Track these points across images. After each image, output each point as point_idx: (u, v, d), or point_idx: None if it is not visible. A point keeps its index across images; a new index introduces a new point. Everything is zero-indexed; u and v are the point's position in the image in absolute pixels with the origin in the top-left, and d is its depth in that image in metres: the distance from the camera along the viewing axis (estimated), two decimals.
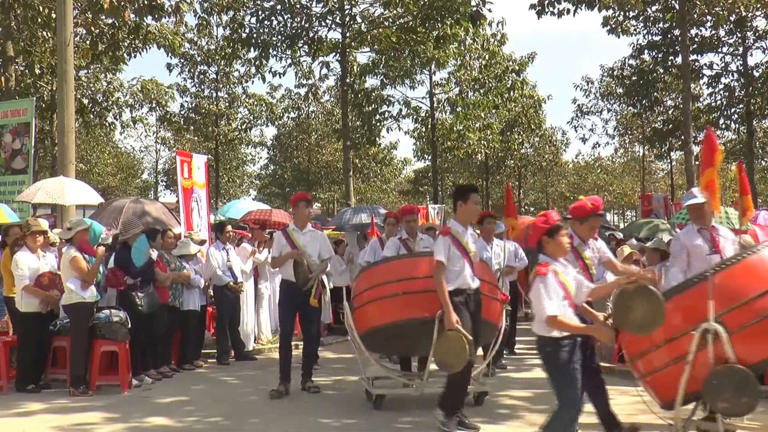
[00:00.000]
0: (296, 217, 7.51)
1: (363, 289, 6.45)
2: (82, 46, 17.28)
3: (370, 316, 6.30)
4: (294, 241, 7.32)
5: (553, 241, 4.67)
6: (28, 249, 7.60)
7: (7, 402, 6.99)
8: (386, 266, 6.54)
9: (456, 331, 5.42)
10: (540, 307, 4.46)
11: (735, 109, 24.91)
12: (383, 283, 6.21)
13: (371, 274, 6.57)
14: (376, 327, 6.25)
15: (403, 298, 6.03)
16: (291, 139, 37.48)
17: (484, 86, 23.44)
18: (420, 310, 5.87)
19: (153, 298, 8.02)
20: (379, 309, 6.19)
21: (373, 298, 6.26)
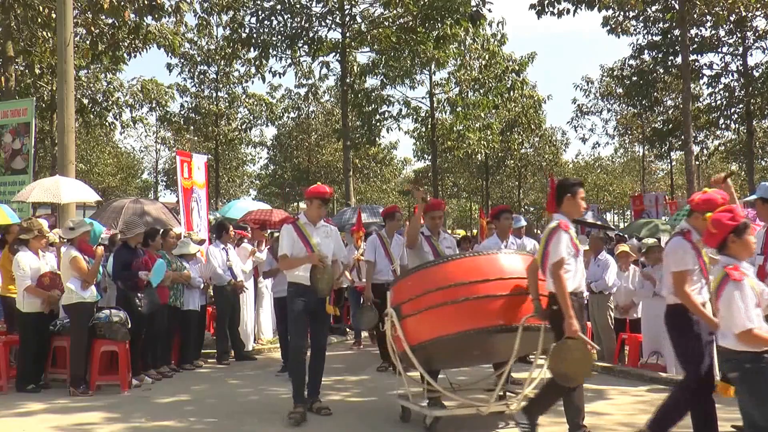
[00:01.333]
0: (309, 211, 6.43)
1: (413, 296, 5.56)
2: (82, 46, 17.27)
3: (426, 326, 5.45)
4: (307, 237, 6.31)
5: (740, 241, 4.13)
6: (30, 249, 7.60)
7: (7, 402, 6.99)
8: (441, 269, 5.63)
9: (578, 340, 4.87)
10: (735, 317, 3.92)
11: (735, 109, 24.90)
12: (440, 288, 5.41)
13: (422, 278, 5.65)
14: (434, 339, 5.41)
15: (470, 305, 5.29)
16: (291, 139, 37.48)
17: (484, 86, 23.44)
18: (492, 317, 5.26)
19: (153, 298, 8.02)
20: (439, 318, 5.38)
21: (428, 305, 5.42)
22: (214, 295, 9.51)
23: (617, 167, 47.80)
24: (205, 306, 9.52)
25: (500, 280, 5.34)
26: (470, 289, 5.32)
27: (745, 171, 29.34)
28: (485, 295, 5.28)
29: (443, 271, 5.57)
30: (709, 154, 29.83)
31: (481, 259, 5.66)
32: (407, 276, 5.89)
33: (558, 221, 5.06)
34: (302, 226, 6.36)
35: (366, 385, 7.90)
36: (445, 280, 5.43)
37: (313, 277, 6.17)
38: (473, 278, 5.35)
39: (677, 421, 4.83)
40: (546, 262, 4.98)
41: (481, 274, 5.38)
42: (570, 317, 4.82)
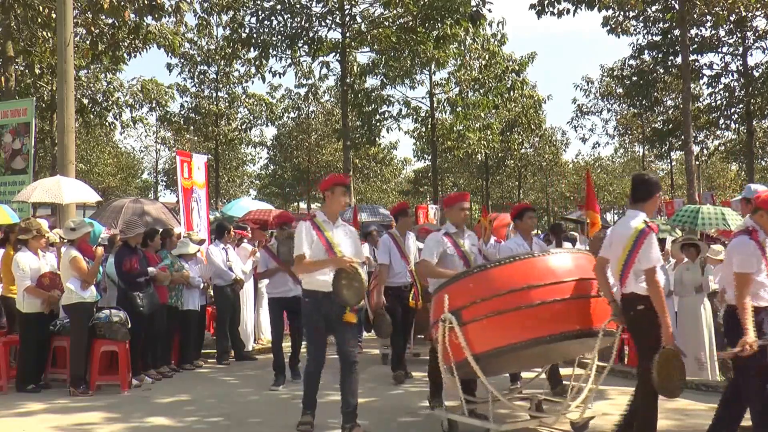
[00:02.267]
0: (330, 205, 5.71)
1: (476, 299, 5.08)
2: (82, 46, 17.28)
3: (495, 332, 5.01)
4: (327, 236, 5.60)
5: None
6: (30, 249, 7.60)
7: (7, 402, 6.99)
8: (506, 270, 5.14)
9: (673, 349, 4.58)
10: None
11: (735, 109, 24.91)
12: (512, 290, 4.98)
13: (485, 280, 5.15)
14: (506, 346, 4.98)
15: (546, 309, 4.92)
16: (291, 139, 37.49)
17: (484, 86, 23.44)
18: (568, 322, 4.94)
19: (153, 298, 8.02)
20: (510, 324, 4.95)
21: (496, 310, 4.97)
22: (214, 295, 9.51)
23: (617, 167, 47.81)
24: (205, 306, 9.52)
25: (572, 281, 5.03)
26: (543, 292, 4.96)
27: (745, 171, 29.37)
28: (560, 299, 4.95)
29: (509, 273, 5.10)
30: (709, 154, 29.84)
31: (548, 260, 5.21)
32: (466, 277, 5.29)
33: (647, 222, 4.76)
34: (321, 224, 5.57)
35: (366, 385, 7.90)
36: (512, 283, 5.01)
37: (337, 283, 5.37)
38: (544, 281, 5.00)
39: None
40: (630, 266, 4.70)
41: (551, 276, 5.04)
42: (667, 325, 4.57)
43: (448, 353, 5.20)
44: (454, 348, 5.15)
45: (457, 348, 5.11)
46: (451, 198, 6.52)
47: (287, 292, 7.76)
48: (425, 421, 6.12)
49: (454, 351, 5.16)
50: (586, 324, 4.97)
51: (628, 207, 5.11)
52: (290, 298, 7.69)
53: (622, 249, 4.76)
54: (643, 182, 4.95)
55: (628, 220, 4.85)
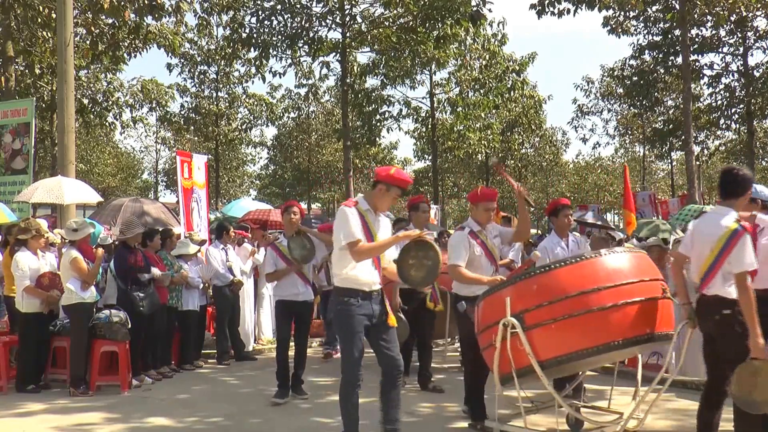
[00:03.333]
0: (379, 198, 5.00)
1: (541, 303, 4.75)
2: (82, 46, 17.28)
3: (563, 337, 4.68)
4: (369, 225, 4.96)
5: None
6: (29, 249, 7.60)
7: (7, 402, 6.98)
8: (573, 271, 4.81)
9: (765, 360, 4.26)
10: None
11: (735, 109, 24.90)
12: (578, 293, 4.66)
13: (550, 281, 4.79)
14: (575, 352, 4.67)
15: (615, 312, 4.63)
16: (291, 139, 37.48)
17: (484, 86, 23.42)
18: (641, 325, 4.67)
19: (153, 299, 8.01)
20: (580, 328, 4.64)
21: (564, 314, 4.65)
22: (214, 295, 9.51)
23: (618, 167, 47.79)
24: (205, 306, 9.52)
25: (640, 282, 4.78)
26: (612, 294, 4.67)
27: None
28: (631, 301, 4.67)
29: (577, 273, 4.79)
30: (709, 154, 29.82)
31: (615, 260, 4.88)
32: (528, 278, 4.94)
33: (740, 222, 4.47)
34: (364, 213, 4.95)
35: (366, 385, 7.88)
36: (581, 285, 4.70)
37: (403, 263, 4.77)
38: (613, 281, 4.72)
39: None
40: (718, 267, 4.45)
41: (620, 277, 4.75)
42: (757, 335, 4.27)
43: (509, 360, 4.83)
44: (516, 354, 4.78)
45: (520, 354, 4.76)
46: (476, 195, 5.99)
47: (296, 295, 7.04)
48: (425, 422, 6.11)
49: (516, 358, 4.80)
50: (655, 327, 4.73)
51: (717, 203, 4.85)
52: (299, 303, 7.07)
53: (710, 249, 4.48)
54: (735, 177, 4.65)
55: (718, 217, 4.54)
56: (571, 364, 4.90)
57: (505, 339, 4.81)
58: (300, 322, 7.20)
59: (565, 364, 4.81)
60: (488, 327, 5.07)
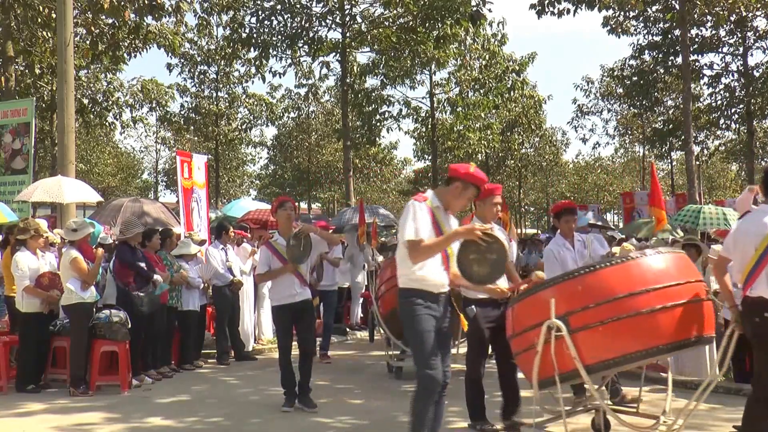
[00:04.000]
0: (453, 197, 4.61)
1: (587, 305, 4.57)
2: (82, 46, 17.29)
3: (610, 341, 4.52)
4: (440, 224, 4.53)
5: None
6: (28, 249, 7.60)
7: (7, 402, 6.98)
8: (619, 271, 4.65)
9: None
10: None
11: (735, 109, 24.90)
12: (626, 295, 4.49)
13: (597, 282, 4.60)
14: (622, 357, 4.54)
15: (663, 315, 4.48)
16: (291, 139, 37.48)
17: (484, 86, 23.43)
18: (688, 328, 4.53)
19: (153, 298, 8.02)
20: (627, 331, 4.46)
21: (611, 316, 4.49)
22: (214, 295, 9.51)
23: (617, 167, 47.80)
24: (205, 306, 9.52)
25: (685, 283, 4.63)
26: (660, 296, 4.50)
27: (745, 171, 29.36)
28: (678, 303, 4.52)
29: (623, 274, 4.61)
30: (709, 154, 29.84)
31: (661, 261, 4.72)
32: (571, 279, 4.73)
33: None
34: (435, 210, 4.52)
35: (366, 385, 7.90)
36: (628, 286, 4.53)
37: (464, 258, 4.41)
38: (660, 283, 4.55)
39: None
40: (761, 268, 4.31)
41: (666, 278, 4.59)
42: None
43: (552, 364, 4.62)
44: (561, 358, 4.59)
45: (564, 358, 4.57)
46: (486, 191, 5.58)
47: (293, 296, 6.56)
48: None
49: (560, 361, 4.60)
50: (701, 330, 4.59)
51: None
52: (297, 303, 6.59)
53: (754, 248, 4.37)
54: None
55: (762, 216, 4.43)
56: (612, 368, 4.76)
57: (548, 342, 4.59)
58: (302, 324, 6.62)
59: (611, 369, 4.68)
60: (527, 330, 4.84)
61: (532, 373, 4.72)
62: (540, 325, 4.63)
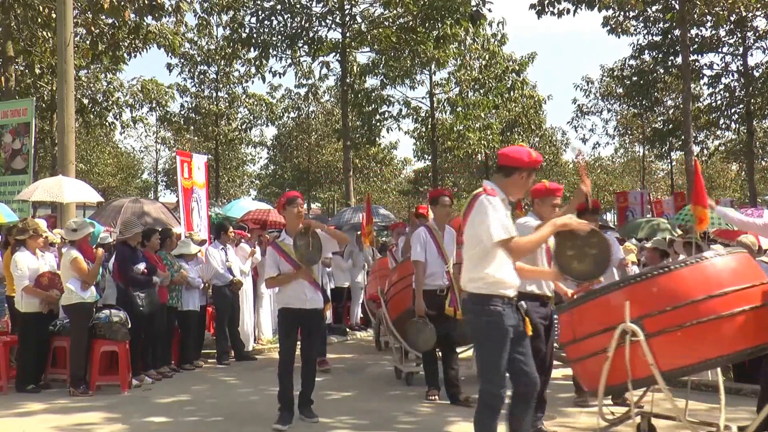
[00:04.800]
0: (516, 184, 4.27)
1: (663, 308, 4.34)
2: (82, 46, 17.29)
3: (689, 346, 4.30)
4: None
5: None
6: (28, 249, 7.60)
7: (7, 402, 6.98)
8: (696, 272, 4.44)
9: None
10: None
11: (735, 109, 24.92)
12: (705, 297, 4.29)
13: (674, 284, 4.38)
14: (701, 362, 4.36)
15: (742, 318, 4.30)
16: (291, 139, 37.48)
17: (484, 86, 23.45)
18: (764, 332, 4.34)
19: (153, 298, 8.02)
20: (706, 336, 4.26)
21: (691, 320, 4.26)
22: (214, 295, 9.51)
23: (617, 167, 47.79)
24: (205, 306, 9.52)
25: (760, 285, 4.47)
26: (738, 298, 4.34)
27: (745, 171, 29.37)
28: (756, 306, 4.35)
29: (701, 276, 4.40)
30: (709, 154, 29.84)
31: (734, 261, 4.57)
32: (645, 280, 4.50)
33: None
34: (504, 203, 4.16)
35: (366, 385, 7.89)
36: (707, 288, 4.33)
37: (561, 254, 4.19)
38: (738, 284, 4.38)
39: None
40: None
41: (742, 279, 4.42)
42: None
43: (624, 370, 4.40)
44: (636, 363, 4.36)
45: (639, 364, 4.34)
46: (543, 191, 5.52)
47: (303, 302, 5.99)
48: (425, 421, 6.12)
49: (635, 367, 4.37)
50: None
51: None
52: (307, 311, 6.01)
53: None
54: None
55: None
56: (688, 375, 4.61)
57: (621, 347, 4.36)
58: (308, 334, 6.07)
59: (687, 375, 4.49)
60: (592, 335, 4.58)
61: (600, 379, 4.47)
62: (609, 330, 4.40)
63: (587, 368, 4.71)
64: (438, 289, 6.68)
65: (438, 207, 6.81)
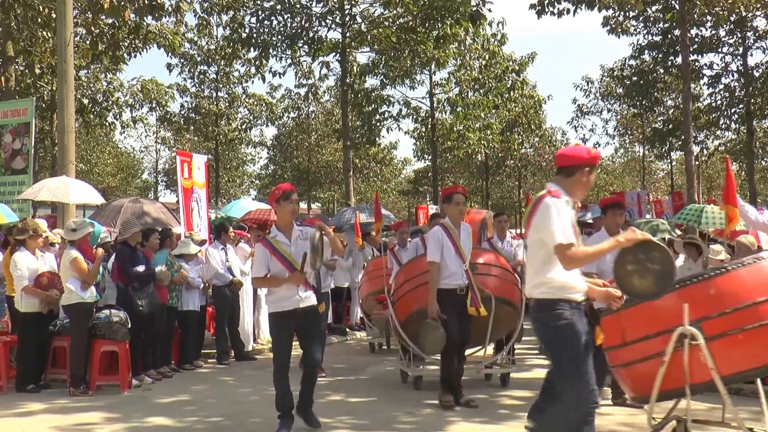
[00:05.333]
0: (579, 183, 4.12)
1: (724, 310, 4.22)
2: (82, 46, 17.29)
3: (751, 350, 4.20)
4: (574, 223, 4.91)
5: None
6: (27, 249, 7.60)
7: (7, 402, 6.99)
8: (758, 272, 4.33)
9: None
10: None
11: (735, 109, 24.91)
12: (765, 300, 4.18)
13: (735, 285, 4.28)
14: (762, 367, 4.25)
15: None
16: (291, 139, 37.50)
17: (484, 86, 23.46)
18: None
19: (153, 298, 8.03)
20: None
21: (754, 322, 4.16)
22: (214, 295, 9.52)
23: (617, 167, 47.80)
24: (205, 306, 9.53)
25: None
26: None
27: (745, 171, 29.36)
28: None
29: (760, 277, 4.27)
30: (709, 154, 29.84)
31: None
32: (703, 281, 4.36)
33: None
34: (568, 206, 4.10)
35: (366, 384, 7.89)
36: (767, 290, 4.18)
37: (621, 269, 3.91)
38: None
39: None
40: None
41: None
42: None
43: (677, 375, 4.28)
44: (695, 368, 4.23)
45: (697, 368, 4.22)
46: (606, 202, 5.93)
47: (295, 301, 5.60)
48: (425, 421, 6.12)
49: (694, 371, 4.25)
50: None
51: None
52: (302, 311, 5.62)
53: None
54: None
55: None
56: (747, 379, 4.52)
57: (678, 351, 4.22)
58: (306, 334, 5.70)
59: (745, 380, 4.39)
60: (645, 338, 4.43)
61: (653, 385, 4.34)
62: (665, 333, 4.26)
63: (636, 373, 4.54)
64: (458, 288, 6.47)
65: (451, 205, 6.59)
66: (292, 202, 5.69)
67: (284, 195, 5.66)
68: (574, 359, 3.84)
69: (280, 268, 5.58)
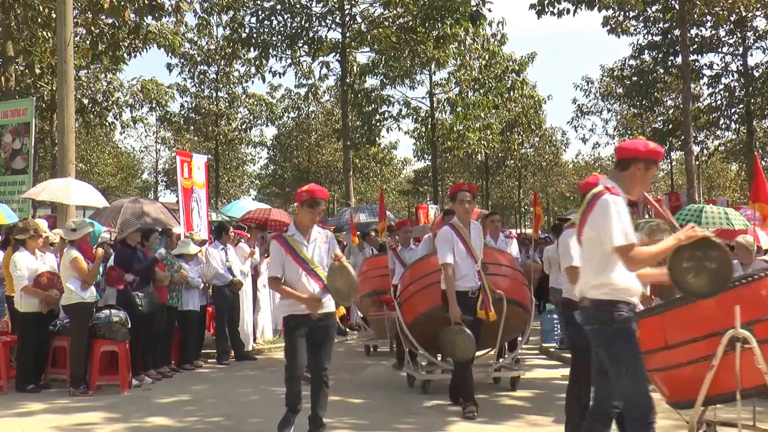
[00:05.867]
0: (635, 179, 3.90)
1: None
2: (82, 46, 17.28)
3: None
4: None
5: None
6: (27, 249, 7.60)
7: (7, 402, 6.99)
8: None
9: None
10: None
11: (735, 109, 24.90)
12: None
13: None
14: None
15: None
16: (291, 139, 37.50)
17: (484, 86, 23.47)
18: None
19: (153, 298, 8.02)
20: None
21: None
22: (213, 295, 9.52)
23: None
24: (205, 306, 9.52)
25: None
26: None
27: (745, 171, 29.37)
28: None
29: None
30: (709, 154, 29.84)
31: None
32: (754, 282, 4.22)
33: None
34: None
35: (366, 384, 7.90)
36: None
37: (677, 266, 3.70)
38: None
39: None
40: None
41: None
42: None
43: (725, 379, 4.14)
44: (748, 372, 4.09)
45: (749, 372, 4.08)
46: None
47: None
48: (425, 422, 6.12)
49: (747, 376, 4.10)
50: None
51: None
52: (317, 318, 5.27)
53: None
54: None
55: None
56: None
57: (729, 354, 4.08)
58: (319, 343, 5.30)
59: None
60: (690, 341, 4.26)
61: (700, 389, 4.19)
62: (713, 336, 4.10)
63: (678, 377, 4.38)
64: (470, 290, 6.20)
65: (456, 203, 6.34)
66: (318, 210, 5.36)
67: (310, 202, 5.31)
68: (632, 359, 3.77)
69: (294, 266, 5.25)
